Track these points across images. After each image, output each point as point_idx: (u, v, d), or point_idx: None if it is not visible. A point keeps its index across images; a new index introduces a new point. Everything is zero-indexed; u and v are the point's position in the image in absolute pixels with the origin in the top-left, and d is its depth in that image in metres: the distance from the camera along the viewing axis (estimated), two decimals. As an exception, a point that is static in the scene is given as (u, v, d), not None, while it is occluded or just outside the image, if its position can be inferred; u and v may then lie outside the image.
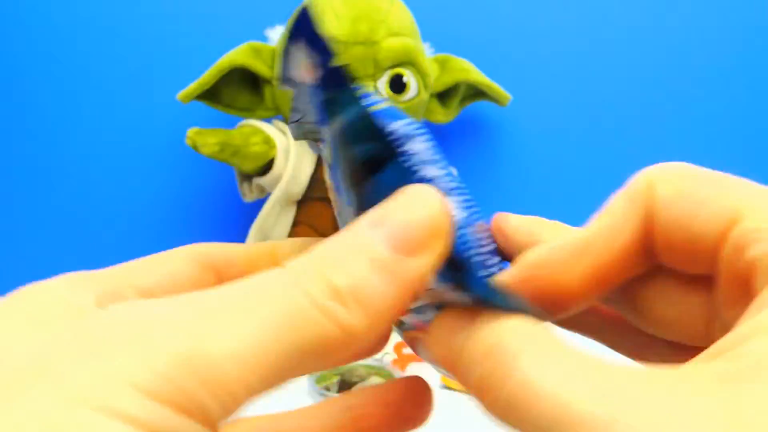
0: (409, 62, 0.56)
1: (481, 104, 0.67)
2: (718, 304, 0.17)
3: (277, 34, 0.60)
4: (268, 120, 0.61)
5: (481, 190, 0.70)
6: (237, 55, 0.57)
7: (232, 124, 0.61)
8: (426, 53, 0.60)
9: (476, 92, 0.65)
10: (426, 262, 0.16)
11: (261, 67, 0.58)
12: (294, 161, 0.58)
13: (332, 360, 0.15)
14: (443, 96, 0.64)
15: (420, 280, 0.16)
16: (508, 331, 0.15)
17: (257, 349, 0.13)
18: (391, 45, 0.55)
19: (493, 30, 0.70)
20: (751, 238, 0.16)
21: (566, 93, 0.70)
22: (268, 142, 0.57)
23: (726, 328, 0.16)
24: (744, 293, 0.16)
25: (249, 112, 0.61)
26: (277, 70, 0.57)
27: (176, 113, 0.65)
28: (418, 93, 0.57)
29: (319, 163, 0.61)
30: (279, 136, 0.59)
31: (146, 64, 0.69)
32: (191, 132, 0.58)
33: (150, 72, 0.69)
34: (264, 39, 0.61)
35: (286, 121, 0.61)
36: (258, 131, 0.58)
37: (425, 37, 0.61)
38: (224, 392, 0.13)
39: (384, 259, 0.16)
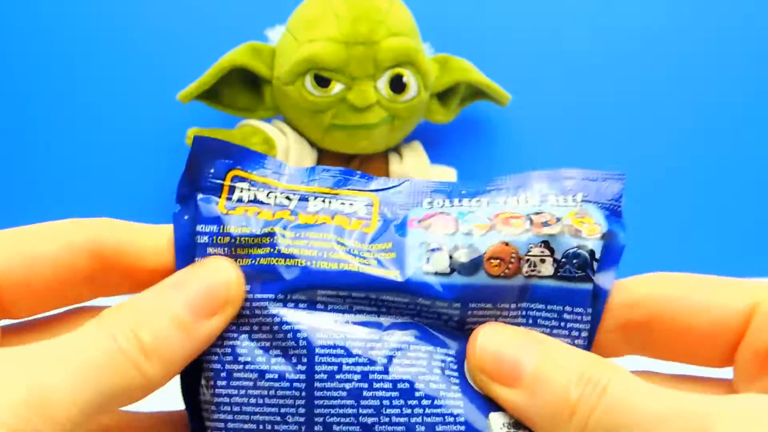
0: (409, 62, 0.56)
1: (481, 104, 0.67)
2: (737, 385, 0.20)
3: (277, 34, 0.60)
4: (268, 120, 0.61)
5: (481, 190, 0.70)
6: (237, 55, 0.57)
7: (232, 124, 0.61)
8: (426, 53, 0.59)
9: (476, 92, 0.65)
10: (218, 324, 0.19)
11: (261, 67, 0.58)
12: (294, 161, 0.58)
13: (134, 399, 0.18)
14: (443, 96, 0.64)
15: (212, 338, 0.20)
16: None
17: (80, 391, 0.16)
18: (391, 45, 0.55)
19: (493, 30, 0.70)
20: None
21: (566, 93, 0.70)
22: (268, 142, 0.57)
23: None
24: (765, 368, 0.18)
25: (249, 112, 0.61)
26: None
27: (176, 113, 0.65)
28: (418, 93, 0.57)
29: (319, 163, 0.61)
30: (279, 136, 0.59)
31: (146, 64, 0.69)
32: (191, 132, 0.58)
33: (150, 72, 0.68)
34: (264, 39, 0.61)
35: (286, 121, 0.61)
36: (258, 131, 0.58)
37: (425, 37, 0.61)
38: (55, 423, 0.16)
39: (183, 320, 0.18)
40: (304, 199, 0.22)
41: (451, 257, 0.20)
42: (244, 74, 0.59)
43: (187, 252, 0.21)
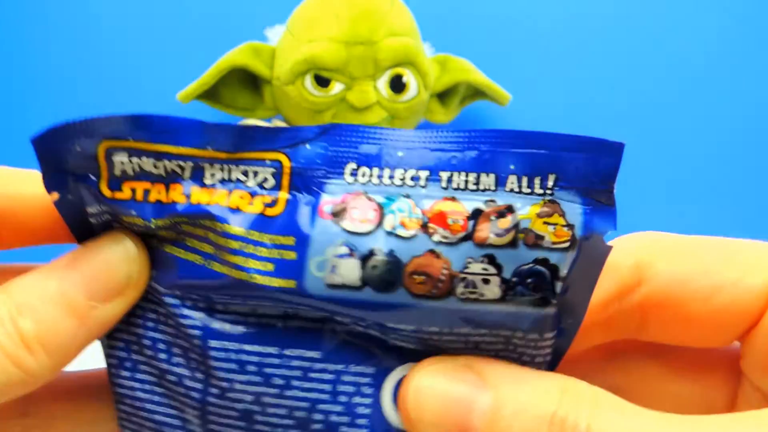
0: (409, 62, 0.56)
1: (481, 104, 0.67)
2: (749, 372, 0.17)
3: (277, 34, 0.60)
4: (268, 120, 0.61)
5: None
6: (237, 55, 0.57)
7: (232, 124, 0.61)
8: (426, 53, 0.59)
9: (476, 92, 0.65)
10: (118, 310, 0.17)
11: (261, 67, 0.58)
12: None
13: (16, 395, 0.16)
14: (443, 96, 0.64)
15: (110, 324, 0.17)
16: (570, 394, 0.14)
17: None
18: (391, 45, 0.55)
19: (493, 30, 0.70)
20: None
21: (566, 93, 0.70)
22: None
23: (764, 397, 0.16)
24: None
25: (249, 112, 0.61)
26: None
27: (176, 113, 0.65)
28: (418, 93, 0.57)
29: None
30: (279, 136, 0.59)
31: (146, 64, 0.69)
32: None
33: (150, 72, 0.68)
34: (264, 39, 0.61)
35: (285, 120, 0.61)
36: (258, 131, 0.58)
37: (425, 37, 0.61)
38: None
39: (76, 305, 0.16)
40: (198, 168, 0.17)
41: (364, 266, 0.16)
42: (244, 74, 0.59)
43: (80, 232, 0.18)
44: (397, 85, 0.56)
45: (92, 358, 0.20)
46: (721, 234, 0.17)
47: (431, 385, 0.15)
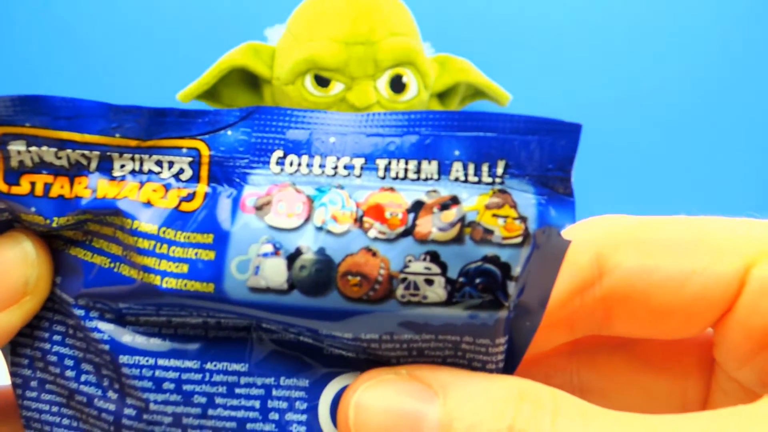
0: (409, 62, 0.56)
1: (481, 104, 0.67)
2: (723, 362, 0.16)
3: (277, 34, 0.60)
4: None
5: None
6: (237, 55, 0.57)
7: (232, 124, 0.61)
8: (426, 53, 0.60)
9: (476, 92, 0.65)
10: (14, 321, 0.15)
11: (261, 67, 0.58)
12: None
13: None
14: (443, 96, 0.64)
15: (7, 335, 0.15)
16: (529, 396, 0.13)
17: None
18: (391, 45, 0.55)
19: (493, 30, 0.70)
20: None
21: (566, 93, 0.70)
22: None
23: (740, 387, 0.15)
24: (763, 346, 0.14)
25: (249, 112, 0.61)
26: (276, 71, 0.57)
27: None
28: (418, 93, 0.57)
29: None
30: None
31: (146, 64, 0.69)
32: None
33: (150, 72, 0.68)
34: (264, 39, 0.61)
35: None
36: (258, 131, 0.58)
37: (425, 37, 0.61)
38: None
39: None
40: (105, 157, 0.15)
41: (291, 266, 0.14)
42: (244, 74, 0.59)
43: None
44: (397, 85, 0.56)
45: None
46: (692, 212, 0.16)
47: (374, 400, 0.14)
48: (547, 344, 0.17)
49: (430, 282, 0.13)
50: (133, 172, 0.15)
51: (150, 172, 0.15)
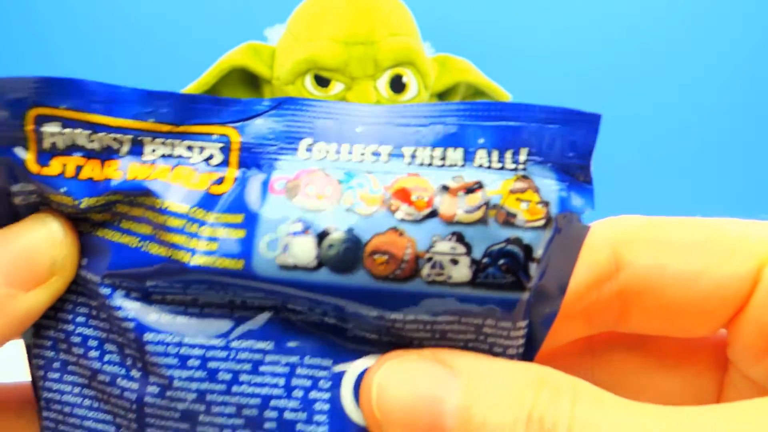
0: (409, 62, 0.56)
1: (481, 104, 0.67)
2: (736, 360, 0.16)
3: (277, 34, 0.60)
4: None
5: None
6: (237, 55, 0.57)
7: (232, 124, 0.61)
8: (426, 53, 0.60)
9: (476, 92, 0.65)
10: (42, 300, 0.15)
11: (261, 67, 0.58)
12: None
13: None
14: (443, 96, 0.64)
15: (33, 316, 0.15)
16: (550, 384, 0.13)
17: None
18: (391, 45, 0.55)
19: (493, 30, 0.70)
20: None
21: (566, 93, 0.70)
22: (268, 142, 0.57)
23: (753, 385, 0.15)
24: None
25: (249, 112, 0.61)
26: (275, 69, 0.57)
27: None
28: (418, 93, 0.57)
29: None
30: (279, 136, 0.59)
31: (146, 64, 0.69)
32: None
33: (150, 72, 0.68)
34: (264, 39, 0.61)
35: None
36: (258, 131, 0.58)
37: (425, 37, 0.61)
38: None
39: None
40: (137, 141, 0.15)
41: (320, 244, 0.14)
42: (244, 74, 0.59)
43: (1, 217, 0.16)
44: (397, 85, 0.56)
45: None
46: (705, 214, 0.16)
47: (397, 380, 0.14)
48: (566, 337, 0.17)
49: (455, 262, 0.14)
50: (164, 156, 0.16)
51: (180, 156, 0.16)
